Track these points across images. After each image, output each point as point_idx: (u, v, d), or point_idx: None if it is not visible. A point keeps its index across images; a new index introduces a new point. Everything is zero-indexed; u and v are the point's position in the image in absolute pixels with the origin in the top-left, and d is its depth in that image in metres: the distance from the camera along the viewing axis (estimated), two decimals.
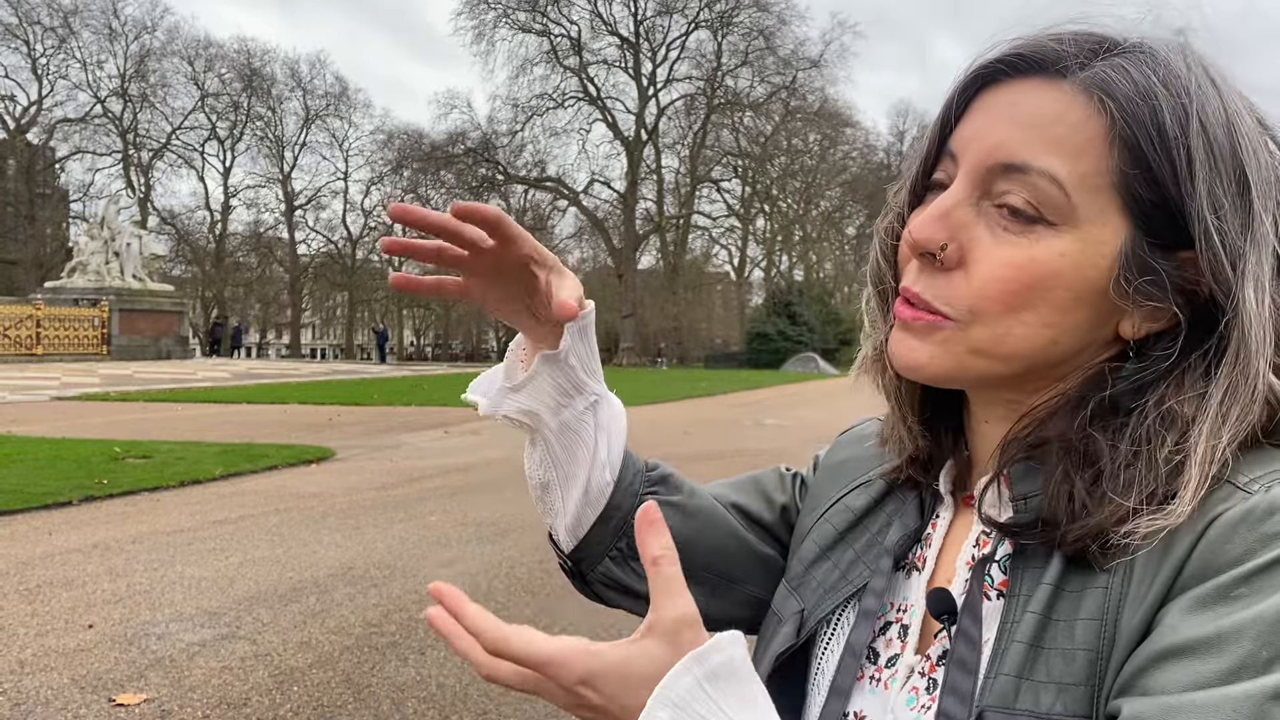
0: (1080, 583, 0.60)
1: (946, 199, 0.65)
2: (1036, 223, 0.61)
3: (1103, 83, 0.61)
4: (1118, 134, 0.60)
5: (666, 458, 0.93)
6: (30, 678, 4.01)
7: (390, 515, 7.50)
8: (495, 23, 51.31)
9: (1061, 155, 0.61)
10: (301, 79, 57.73)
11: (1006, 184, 0.62)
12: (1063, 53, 0.63)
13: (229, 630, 4.65)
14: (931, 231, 0.64)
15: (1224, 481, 0.58)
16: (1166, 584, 0.57)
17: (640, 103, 51.99)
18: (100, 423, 13.91)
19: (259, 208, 59.86)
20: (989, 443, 0.71)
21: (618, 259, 51.98)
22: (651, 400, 20.62)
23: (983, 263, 0.63)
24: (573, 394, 0.84)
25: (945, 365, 0.65)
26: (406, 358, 60.64)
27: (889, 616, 0.74)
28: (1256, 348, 0.59)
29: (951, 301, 0.64)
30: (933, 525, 0.75)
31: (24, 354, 29.66)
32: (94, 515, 7.46)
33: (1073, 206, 0.61)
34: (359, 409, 17.70)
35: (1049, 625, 0.60)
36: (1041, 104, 0.62)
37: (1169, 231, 0.61)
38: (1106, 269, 0.61)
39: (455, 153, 53.41)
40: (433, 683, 4.01)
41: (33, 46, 50.38)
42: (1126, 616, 0.57)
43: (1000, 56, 0.65)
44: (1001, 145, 0.63)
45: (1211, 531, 0.56)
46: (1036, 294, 0.62)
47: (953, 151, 0.66)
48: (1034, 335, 0.63)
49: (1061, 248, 0.61)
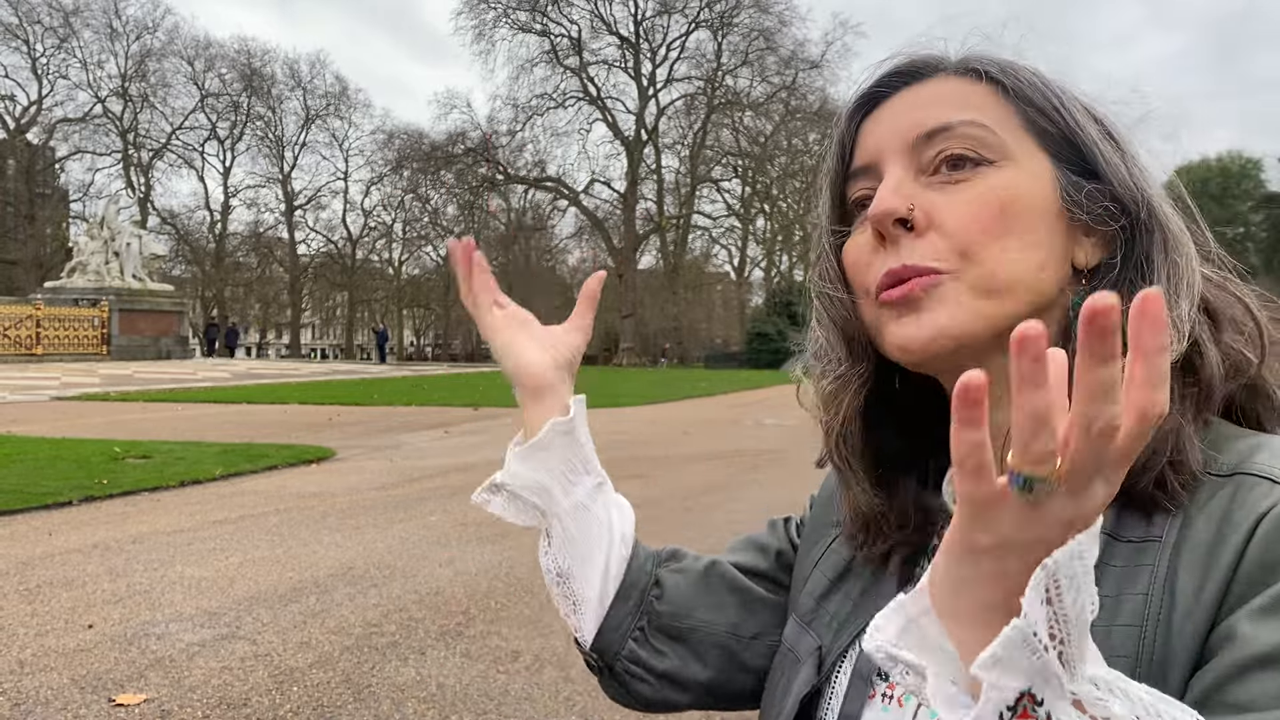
0: (1114, 587, 0.59)
1: (889, 180, 0.68)
2: (979, 164, 0.66)
3: (968, 61, 0.70)
4: (1004, 89, 0.69)
5: (666, 457, 0.93)
6: (30, 678, 4.01)
7: (390, 515, 7.50)
8: (495, 22, 51.37)
9: (970, 110, 0.68)
10: (301, 79, 57.81)
11: (935, 146, 0.67)
12: (930, 60, 0.72)
13: (229, 630, 4.65)
14: (892, 201, 0.66)
15: (1255, 476, 0.58)
16: (1220, 587, 0.56)
17: (640, 103, 52.00)
18: (100, 423, 13.91)
19: (259, 208, 59.93)
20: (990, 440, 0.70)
21: (618, 259, 51.96)
22: (651, 400, 20.63)
23: (948, 210, 0.66)
24: (582, 472, 0.85)
25: (961, 320, 0.65)
26: (406, 358, 60.62)
27: None
28: (1178, 230, 0.67)
29: (938, 255, 0.65)
30: (938, 536, 0.74)
31: (24, 354, 29.66)
32: (94, 515, 7.46)
33: (1003, 142, 0.67)
34: (359, 409, 17.70)
35: None
36: (933, 90, 0.70)
37: (1079, 160, 0.68)
38: (1052, 193, 0.67)
39: (455, 153, 53.42)
40: (433, 683, 4.01)
41: (33, 46, 50.41)
42: (1179, 624, 0.56)
43: (877, 80, 0.72)
44: (916, 123, 0.69)
45: (1262, 530, 0.55)
46: (1009, 216, 0.65)
47: (863, 166, 0.72)
48: (1021, 259, 0.65)
49: (1009, 176, 0.66)
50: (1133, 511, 0.61)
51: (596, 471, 0.87)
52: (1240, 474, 0.59)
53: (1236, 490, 0.58)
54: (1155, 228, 0.67)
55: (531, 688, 3.96)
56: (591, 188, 53.74)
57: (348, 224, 59.78)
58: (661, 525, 7.07)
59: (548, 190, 55.02)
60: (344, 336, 65.64)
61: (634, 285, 50.46)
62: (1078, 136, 0.68)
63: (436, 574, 5.71)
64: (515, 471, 0.86)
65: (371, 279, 61.88)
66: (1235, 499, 0.58)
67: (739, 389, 25.77)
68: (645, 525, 0.96)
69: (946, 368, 0.68)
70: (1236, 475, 0.59)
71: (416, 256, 61.92)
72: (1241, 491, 0.58)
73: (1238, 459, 0.61)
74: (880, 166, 0.70)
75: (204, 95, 55.32)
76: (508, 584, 5.51)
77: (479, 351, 63.36)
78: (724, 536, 6.83)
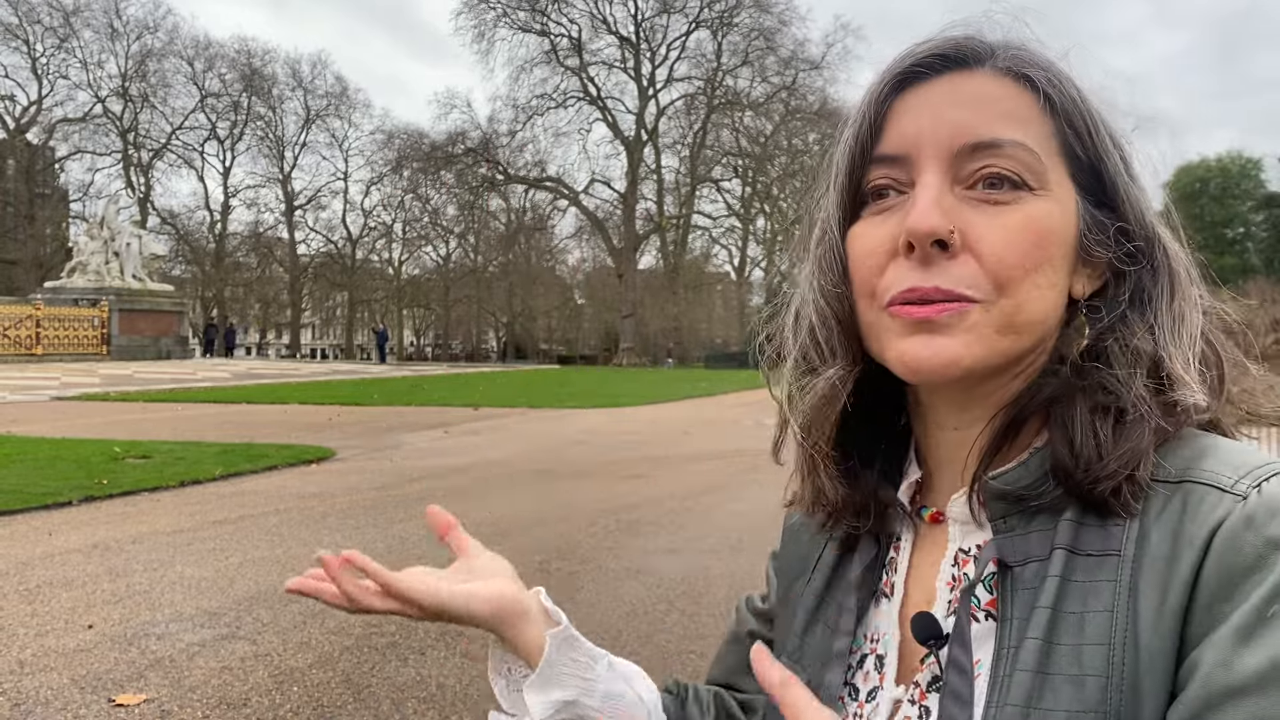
0: (1079, 603, 0.59)
1: (929, 189, 0.64)
2: (1020, 189, 0.64)
3: (1018, 61, 0.66)
4: (1047, 103, 0.65)
5: (667, 457, 0.93)
6: (30, 678, 4.00)
7: (390, 515, 7.50)
8: (495, 23, 51.40)
9: (1017, 127, 0.65)
10: (302, 79, 57.83)
11: (980, 161, 0.64)
12: (977, 49, 0.67)
13: (229, 630, 4.65)
14: (937, 219, 0.62)
15: (1203, 485, 0.59)
16: (1182, 601, 0.56)
17: (640, 103, 52.02)
18: (100, 423, 13.91)
19: (259, 208, 59.97)
20: (955, 452, 0.70)
21: (618, 259, 51.97)
22: (651, 400, 20.62)
23: (987, 237, 0.63)
24: (591, 663, 0.82)
25: (977, 353, 0.63)
26: (406, 358, 60.62)
27: (863, 649, 0.73)
28: (1185, 273, 0.67)
29: (974, 282, 0.63)
30: (895, 548, 0.74)
31: (24, 354, 29.66)
32: (94, 515, 7.46)
33: (1045, 170, 0.64)
34: (359, 409, 17.70)
35: (1052, 651, 0.58)
36: (979, 87, 0.66)
37: (1098, 189, 0.66)
38: (1076, 227, 0.65)
39: (455, 153, 53.42)
40: (433, 683, 4.01)
41: (33, 46, 50.41)
42: (1146, 641, 0.56)
43: (919, 60, 0.67)
44: (961, 128, 0.65)
45: (1218, 543, 0.56)
46: (1044, 252, 0.63)
47: (892, 154, 0.67)
48: (1046, 297, 0.64)
49: (1047, 208, 0.64)
50: (1090, 524, 0.61)
51: (599, 653, 0.83)
52: (1188, 482, 0.59)
53: (1186, 500, 0.59)
54: (1165, 270, 0.66)
55: None
56: (591, 188, 53.80)
57: (348, 224, 59.84)
58: (662, 525, 7.10)
59: (548, 190, 55.03)
60: (344, 336, 65.64)
61: (634, 285, 50.47)
62: (1103, 164, 0.66)
63: None
64: (537, 703, 0.79)
65: (371, 279, 61.89)
66: (1186, 511, 0.58)
67: (739, 389, 25.75)
68: (646, 525, 0.96)
69: (940, 386, 0.68)
70: (1185, 483, 0.59)
71: (416, 256, 62.01)
72: (1191, 502, 0.58)
73: (1184, 464, 0.61)
74: (914, 163, 0.65)
75: (204, 95, 55.36)
76: None
77: (478, 351, 63.44)
78: (724, 536, 6.81)
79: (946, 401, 0.70)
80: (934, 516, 0.72)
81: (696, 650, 4.44)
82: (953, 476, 0.70)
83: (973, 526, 0.68)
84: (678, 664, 4.25)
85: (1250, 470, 0.59)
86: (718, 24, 51.10)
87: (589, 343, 61.82)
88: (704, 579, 5.69)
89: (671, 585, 5.54)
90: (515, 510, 7.64)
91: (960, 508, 0.68)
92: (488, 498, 8.25)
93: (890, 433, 0.76)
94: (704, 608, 5.11)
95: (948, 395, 0.69)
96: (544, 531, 6.86)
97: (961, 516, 0.69)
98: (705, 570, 5.89)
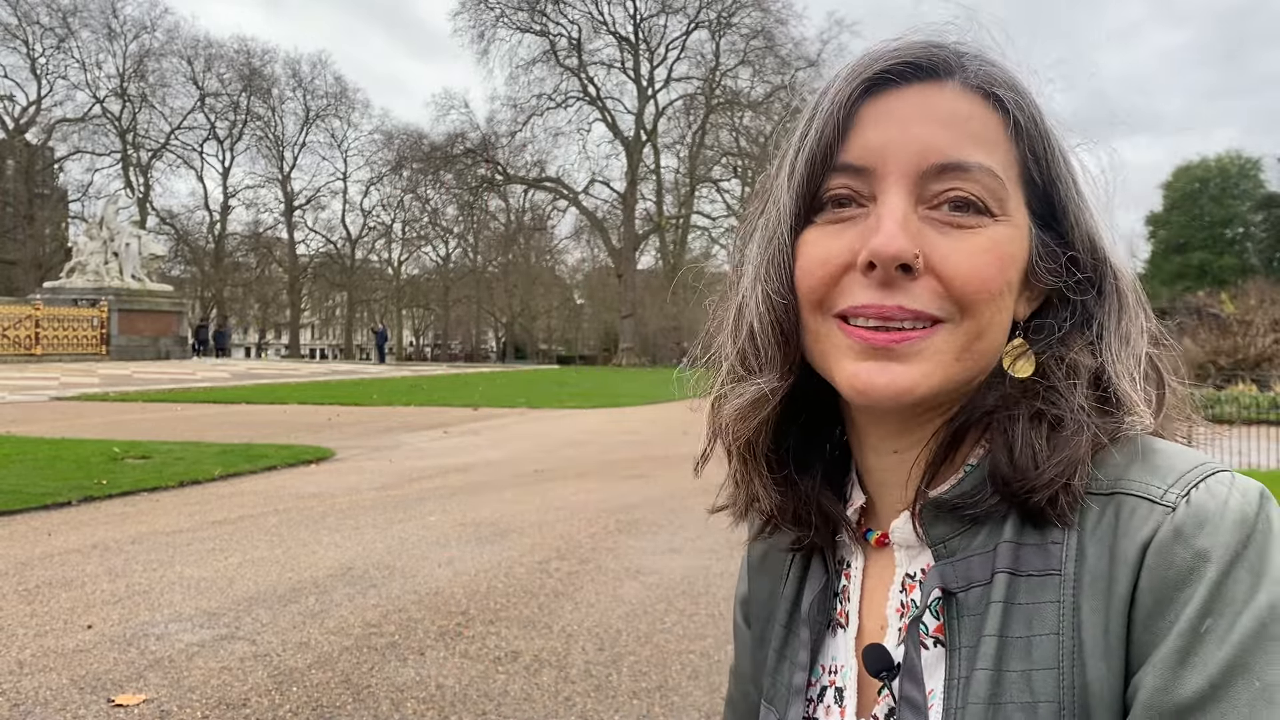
0: (1025, 627, 0.59)
1: (895, 211, 0.62)
2: (983, 214, 0.63)
3: (987, 80, 0.65)
4: (1013, 127, 0.65)
5: (667, 457, 0.93)
6: (29, 678, 4.00)
7: (390, 515, 7.49)
8: (495, 23, 51.34)
9: (984, 151, 0.64)
10: (301, 79, 57.84)
11: (946, 183, 0.63)
12: (947, 60, 0.65)
13: (228, 631, 4.64)
14: (903, 243, 0.61)
15: (1133, 497, 0.59)
16: (1122, 624, 0.56)
17: (640, 103, 52.01)
18: (99, 423, 13.91)
19: (258, 208, 60.01)
20: (895, 475, 0.69)
21: (617, 259, 51.97)
22: (651, 400, 20.62)
23: (952, 259, 0.62)
24: None
25: (934, 382, 0.62)
26: (406, 358, 60.59)
27: (823, 681, 0.72)
28: (1133, 296, 0.67)
29: (936, 303, 0.62)
30: (846, 575, 0.73)
31: (23, 354, 29.65)
32: (93, 516, 7.45)
33: (1007, 196, 0.64)
34: (358, 409, 17.69)
35: (1002, 679, 0.58)
36: (951, 103, 0.64)
37: (1049, 213, 0.66)
38: (1029, 253, 0.65)
39: (455, 153, 53.42)
40: (432, 683, 4.01)
41: (31, 46, 50.40)
42: (1093, 664, 0.56)
43: (887, 66, 0.65)
44: (930, 147, 0.63)
45: (1150, 558, 0.56)
46: (1004, 277, 0.63)
47: (855, 165, 0.64)
48: (1003, 321, 0.64)
49: (1008, 234, 0.64)
50: (1029, 544, 0.61)
51: None
52: (1119, 494, 0.59)
53: (1118, 513, 0.58)
54: (1111, 294, 0.66)
55: (530, 688, 3.96)
56: (591, 188, 53.77)
57: (347, 224, 59.86)
58: (662, 525, 7.10)
59: (547, 190, 55.01)
60: (343, 336, 65.64)
61: (633, 285, 50.45)
62: (1055, 189, 0.66)
63: (436, 574, 5.71)
64: None
65: (371, 279, 61.90)
66: (1119, 526, 0.58)
67: None
68: (646, 525, 0.96)
69: (887, 412, 0.67)
70: (1116, 495, 0.59)
71: (416, 256, 62.00)
72: (1123, 516, 0.58)
73: (1115, 474, 0.60)
74: (878, 177, 0.63)
75: (203, 95, 55.35)
76: (507, 584, 5.51)
77: (478, 351, 63.43)
78: (723, 536, 6.81)
79: (884, 426, 0.68)
80: (879, 540, 0.71)
81: (696, 650, 4.44)
82: (895, 498, 0.70)
83: (917, 549, 0.68)
84: (676, 664, 4.26)
85: (1180, 477, 0.58)
86: (716, 24, 51.11)
87: (588, 343, 61.79)
88: (703, 579, 5.69)
89: (671, 585, 5.54)
90: (515, 510, 7.63)
91: (904, 532, 0.68)
92: (487, 498, 8.24)
93: (830, 444, 0.75)
94: (703, 608, 5.11)
95: (888, 420, 0.68)
96: (544, 531, 6.86)
97: (905, 540, 0.68)
98: (705, 570, 5.89)
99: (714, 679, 4.09)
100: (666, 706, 3.81)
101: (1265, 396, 15.46)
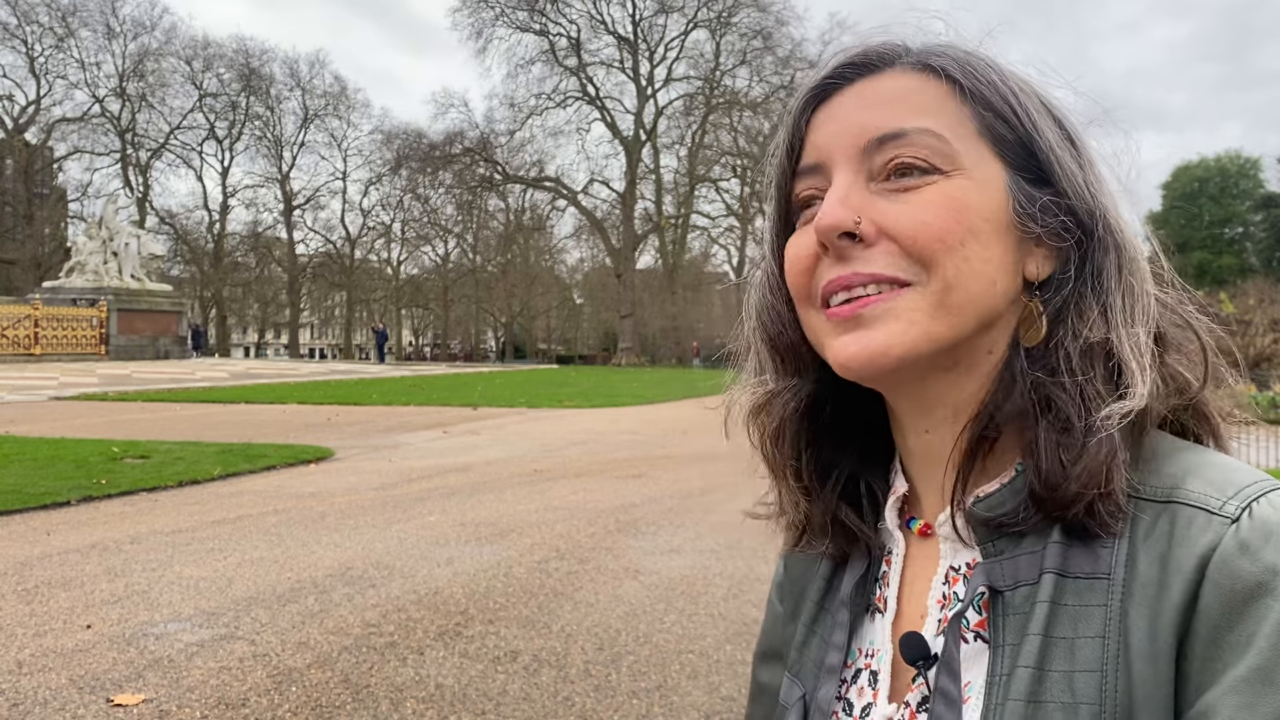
0: (1070, 628, 0.59)
1: (838, 187, 0.65)
2: (930, 173, 0.64)
3: (925, 54, 0.67)
4: (962, 89, 0.66)
5: (667, 457, 0.93)
6: (28, 678, 4.00)
7: (389, 515, 7.50)
8: (494, 22, 51.37)
9: (923, 116, 0.65)
10: (300, 79, 57.86)
11: (888, 153, 0.64)
12: (886, 52, 0.68)
13: (227, 630, 4.64)
14: (839, 213, 0.63)
15: (1190, 507, 0.58)
16: (1176, 631, 0.56)
17: (639, 102, 52.03)
18: (98, 423, 13.91)
19: (257, 207, 60.07)
20: (933, 456, 0.69)
21: (616, 259, 51.97)
22: (651, 400, 20.63)
23: (901, 218, 0.63)
24: None
25: (908, 340, 0.63)
26: (405, 358, 60.62)
27: (858, 664, 0.73)
28: (1135, 249, 0.66)
29: (894, 264, 0.63)
30: (887, 562, 0.73)
31: (22, 354, 29.64)
32: (92, 515, 7.45)
33: (956, 152, 0.64)
34: (358, 409, 17.69)
35: (1044, 678, 0.58)
36: (886, 86, 0.67)
37: (1034, 167, 0.65)
38: (1004, 202, 0.65)
39: (454, 152, 53.42)
40: (431, 683, 4.01)
41: (31, 46, 50.42)
42: (1138, 669, 0.56)
43: (830, 72, 0.69)
44: (868, 124, 0.65)
45: (1213, 571, 0.55)
46: (964, 225, 0.63)
47: (810, 165, 0.68)
48: (980, 272, 0.63)
49: (961, 184, 0.64)
50: (1077, 546, 0.60)
51: None
52: (1175, 503, 0.59)
53: (1174, 523, 0.58)
54: (1111, 245, 0.65)
55: (530, 688, 3.96)
56: (590, 187, 53.82)
57: (346, 224, 59.90)
58: (662, 525, 7.09)
59: (547, 190, 55.04)
60: (342, 336, 65.63)
61: (633, 285, 50.46)
62: (1034, 142, 0.65)
63: (435, 574, 5.71)
64: None
65: (370, 279, 61.92)
66: (1174, 534, 0.58)
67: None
68: (646, 525, 0.96)
69: (887, 384, 0.67)
70: (1172, 504, 0.59)
71: (415, 256, 62.00)
72: (1179, 525, 0.58)
73: (1171, 483, 0.60)
74: (829, 168, 0.67)
75: (202, 95, 55.38)
76: (506, 584, 5.51)
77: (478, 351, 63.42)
78: (723, 536, 6.81)
79: (905, 401, 0.69)
80: (923, 530, 0.71)
81: (695, 650, 4.44)
82: (934, 487, 0.70)
83: (961, 544, 0.68)
84: (676, 664, 4.26)
85: (1239, 490, 0.58)
86: (716, 24, 51.13)
87: (588, 342, 61.84)
88: (703, 579, 5.69)
89: (670, 585, 5.54)
90: (514, 510, 7.63)
91: (947, 527, 0.68)
92: (487, 497, 8.24)
93: (868, 446, 0.75)
94: (703, 608, 5.11)
95: (902, 394, 0.68)
96: (543, 531, 6.86)
97: (949, 535, 0.68)
98: (704, 570, 5.89)
99: (713, 679, 4.09)
100: (666, 706, 3.81)
101: (1265, 396, 15.46)
